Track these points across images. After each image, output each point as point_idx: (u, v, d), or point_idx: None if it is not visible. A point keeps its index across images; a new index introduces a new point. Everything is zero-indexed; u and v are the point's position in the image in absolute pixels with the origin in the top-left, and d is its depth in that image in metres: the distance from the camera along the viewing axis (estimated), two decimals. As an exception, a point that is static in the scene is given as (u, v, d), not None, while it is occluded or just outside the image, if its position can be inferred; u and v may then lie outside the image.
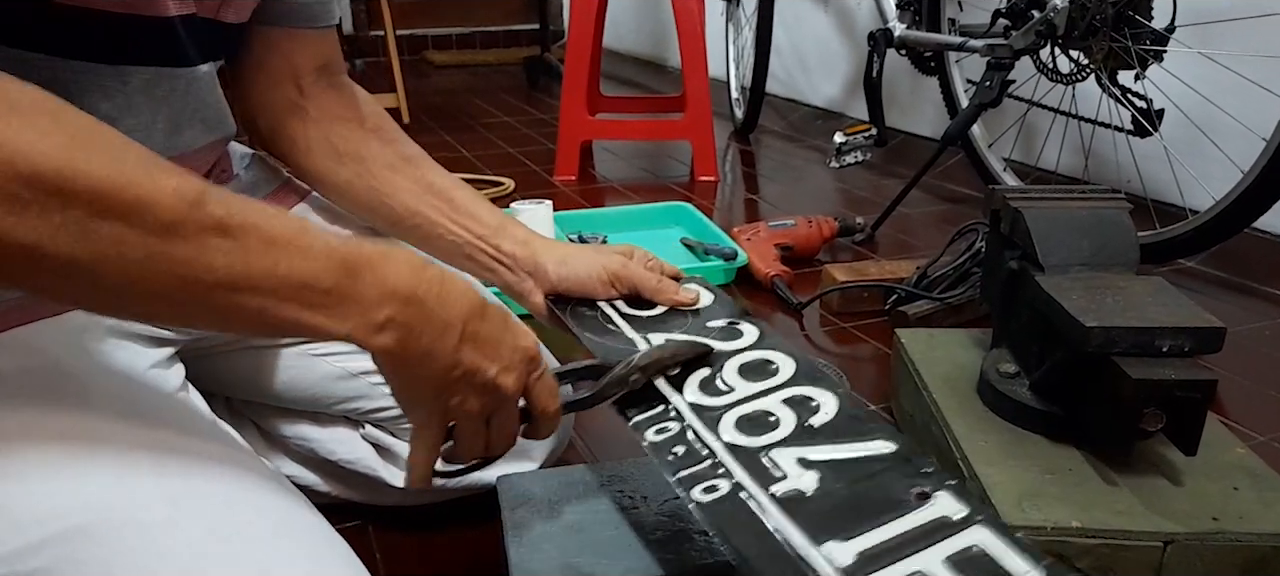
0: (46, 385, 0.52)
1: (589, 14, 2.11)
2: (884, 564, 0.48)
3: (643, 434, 0.61)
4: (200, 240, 0.42)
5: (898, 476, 0.54)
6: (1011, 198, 0.86)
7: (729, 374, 0.67)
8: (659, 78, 3.46)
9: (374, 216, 0.80)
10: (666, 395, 0.65)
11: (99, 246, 0.39)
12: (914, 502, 0.52)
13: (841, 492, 0.53)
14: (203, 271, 0.42)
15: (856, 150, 1.83)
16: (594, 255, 0.76)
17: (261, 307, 0.44)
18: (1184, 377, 0.66)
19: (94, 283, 0.41)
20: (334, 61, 0.78)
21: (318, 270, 0.45)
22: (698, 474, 0.56)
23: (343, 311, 0.47)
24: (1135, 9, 1.33)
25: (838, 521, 0.51)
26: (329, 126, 0.77)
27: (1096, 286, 0.76)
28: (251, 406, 0.82)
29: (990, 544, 0.48)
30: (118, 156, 0.41)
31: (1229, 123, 1.46)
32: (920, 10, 1.84)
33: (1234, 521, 0.67)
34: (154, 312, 0.45)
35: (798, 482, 0.55)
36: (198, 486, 0.51)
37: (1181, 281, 1.43)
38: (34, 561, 0.47)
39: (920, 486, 0.53)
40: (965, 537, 0.49)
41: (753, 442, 0.59)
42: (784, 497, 0.54)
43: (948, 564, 0.47)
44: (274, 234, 0.44)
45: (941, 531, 0.49)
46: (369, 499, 0.82)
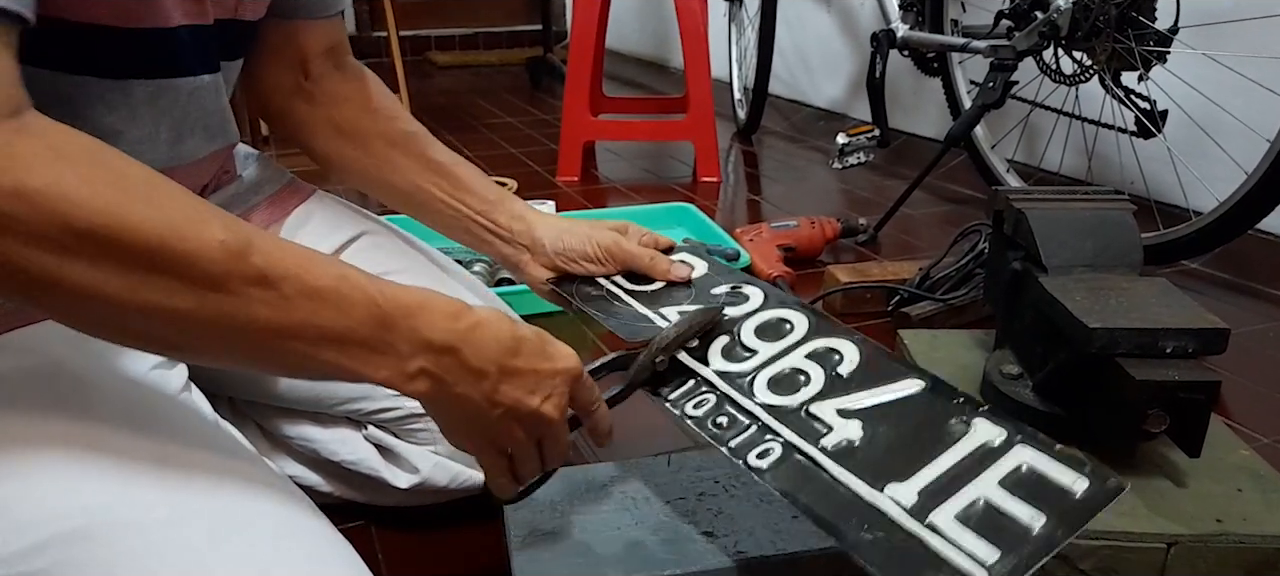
0: (49, 386, 0.52)
1: (592, 14, 2.11)
2: (945, 496, 0.51)
3: (682, 410, 0.63)
4: (245, 292, 0.44)
5: (933, 411, 0.57)
6: (1015, 198, 0.86)
7: (748, 337, 0.68)
8: (661, 78, 3.46)
9: (378, 192, 0.83)
10: (694, 369, 0.66)
11: (148, 296, 0.41)
12: (955, 434, 0.54)
13: (887, 436, 0.56)
14: (246, 321, 0.44)
15: (859, 151, 1.82)
16: (589, 230, 0.78)
17: (303, 353, 0.47)
18: (1188, 379, 0.66)
19: (143, 328, 0.43)
20: (340, 45, 0.81)
21: (354, 323, 0.48)
22: (748, 440, 0.59)
23: (378, 361, 0.49)
24: (1139, 10, 1.33)
25: (893, 464, 0.54)
26: (333, 108, 0.80)
27: (1100, 287, 0.76)
28: (254, 407, 0.82)
29: (1035, 459, 0.51)
30: (165, 206, 0.42)
31: (1233, 124, 1.45)
32: (923, 11, 1.84)
33: (1238, 523, 0.66)
34: (198, 355, 0.47)
35: (845, 433, 0.57)
36: (200, 488, 0.51)
37: (1185, 283, 1.43)
38: (36, 562, 0.47)
39: (957, 416, 0.56)
40: (1011, 458, 0.52)
41: (790, 401, 0.61)
42: (835, 450, 0.56)
43: (1003, 486, 0.50)
44: (315, 285, 0.46)
45: (988, 457, 0.52)
46: (371, 499, 0.82)
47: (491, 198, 0.80)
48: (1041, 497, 0.49)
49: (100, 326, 0.44)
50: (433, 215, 0.81)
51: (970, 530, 0.48)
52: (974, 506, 0.50)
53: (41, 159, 0.39)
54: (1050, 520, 0.47)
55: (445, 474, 0.78)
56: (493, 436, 0.55)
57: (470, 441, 0.56)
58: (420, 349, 0.50)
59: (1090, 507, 0.48)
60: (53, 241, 0.39)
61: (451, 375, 0.51)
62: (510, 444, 0.56)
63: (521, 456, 0.57)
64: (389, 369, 0.49)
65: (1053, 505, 0.48)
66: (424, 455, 0.78)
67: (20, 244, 0.39)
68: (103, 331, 0.45)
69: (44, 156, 0.40)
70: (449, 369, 0.51)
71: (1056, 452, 0.52)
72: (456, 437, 0.56)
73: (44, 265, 0.39)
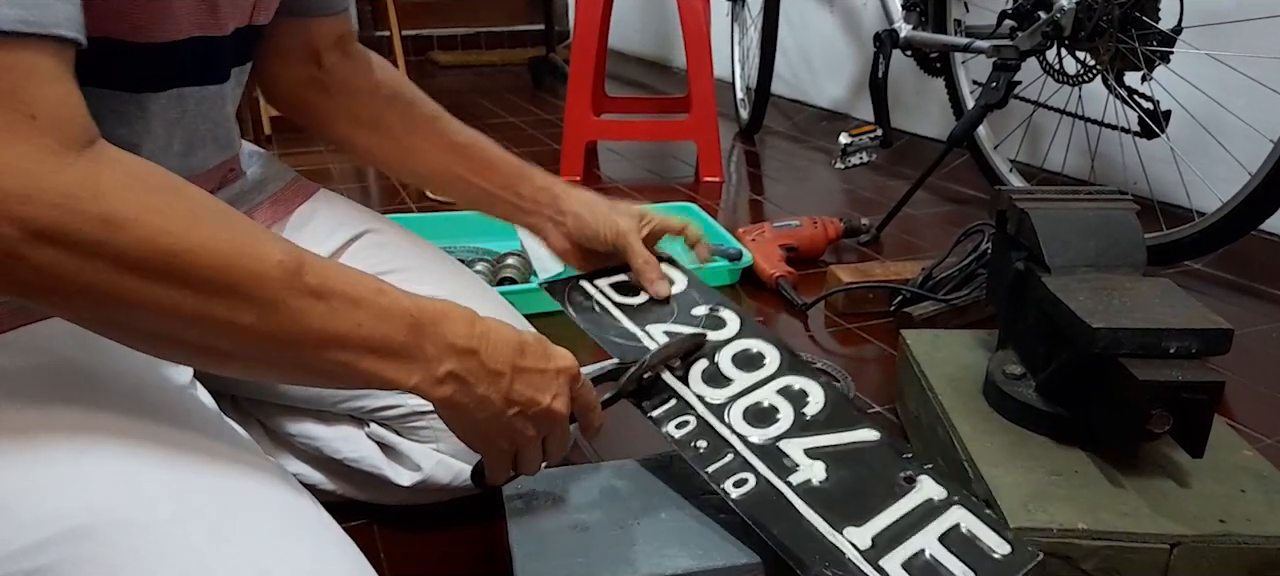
0: (54, 382, 0.52)
1: (594, 14, 2.11)
2: (895, 544, 0.59)
3: (663, 427, 0.69)
4: (300, 305, 0.47)
5: (885, 463, 0.65)
6: (1018, 198, 0.86)
7: (725, 365, 0.74)
8: (664, 78, 3.46)
9: (401, 174, 0.86)
10: (676, 388, 0.72)
11: (216, 312, 0.44)
12: (903, 487, 0.63)
13: (846, 480, 0.64)
14: (301, 333, 0.47)
15: (862, 151, 1.82)
16: (607, 213, 0.82)
17: (346, 362, 0.50)
18: (1191, 379, 0.66)
19: (206, 343, 0.46)
20: (348, 33, 0.84)
21: (392, 328, 0.51)
22: (726, 467, 0.65)
23: (411, 366, 0.52)
24: (1142, 10, 1.32)
25: (849, 508, 0.61)
26: (347, 98, 0.82)
27: (1103, 287, 0.76)
28: (257, 404, 0.82)
29: (969, 522, 0.61)
30: (231, 229, 0.45)
31: (1236, 124, 1.45)
32: (926, 11, 1.84)
33: (1241, 524, 0.66)
34: (249, 368, 0.49)
35: (809, 472, 0.64)
36: (204, 485, 0.52)
37: (1188, 283, 1.42)
38: (39, 559, 0.47)
39: (905, 470, 0.64)
40: (949, 517, 0.61)
41: (763, 435, 0.67)
42: (800, 487, 0.63)
43: (941, 542, 0.59)
44: (357, 296, 0.50)
45: (930, 513, 0.61)
46: (374, 497, 0.82)
47: (513, 171, 0.83)
48: (971, 557, 0.58)
49: (166, 342, 0.46)
50: (458, 193, 0.84)
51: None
52: (917, 557, 0.58)
53: (127, 187, 0.42)
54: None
55: (447, 471, 0.78)
56: (507, 433, 0.58)
57: (483, 440, 0.59)
58: (446, 353, 0.53)
59: (1011, 570, 0.57)
60: (138, 264, 0.42)
61: (473, 376, 0.54)
62: (520, 440, 0.59)
63: (529, 452, 0.60)
64: (420, 374, 0.52)
65: (981, 565, 0.57)
66: (426, 453, 0.78)
67: (109, 268, 0.41)
68: (167, 347, 0.47)
69: (129, 185, 0.42)
70: (471, 371, 0.54)
71: (985, 517, 0.61)
72: (471, 437, 0.58)
73: (128, 287, 0.42)
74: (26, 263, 0.40)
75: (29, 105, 0.40)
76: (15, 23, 0.40)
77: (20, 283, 0.41)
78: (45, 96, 0.41)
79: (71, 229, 0.40)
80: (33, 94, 0.40)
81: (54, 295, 0.42)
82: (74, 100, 0.42)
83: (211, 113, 0.67)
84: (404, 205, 1.89)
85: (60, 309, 0.44)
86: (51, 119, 0.41)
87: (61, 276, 0.41)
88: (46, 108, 0.41)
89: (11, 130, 0.39)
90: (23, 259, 0.40)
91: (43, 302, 0.43)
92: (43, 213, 0.39)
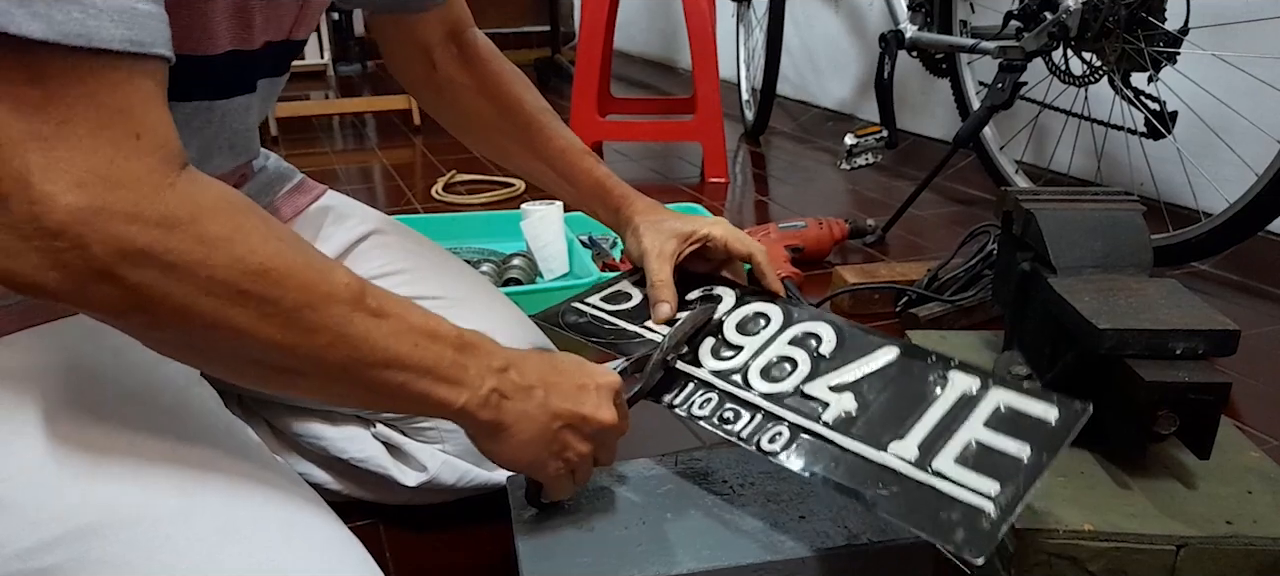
0: (64, 383, 0.52)
1: (600, 16, 2.12)
2: (942, 443, 0.58)
3: (688, 411, 0.68)
4: (366, 326, 0.48)
5: (912, 373, 0.64)
6: (1024, 199, 0.86)
7: (732, 335, 0.73)
8: (669, 79, 3.46)
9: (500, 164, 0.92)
10: (690, 373, 0.71)
11: (296, 332, 0.46)
12: (936, 389, 0.62)
13: (878, 401, 0.63)
14: (367, 352, 0.49)
15: (867, 152, 1.82)
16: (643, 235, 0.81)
17: (403, 382, 0.51)
18: (1197, 380, 0.66)
19: (282, 365, 0.47)
20: (458, 23, 0.85)
21: (442, 348, 0.53)
22: (757, 427, 0.64)
23: (459, 387, 0.53)
24: (1149, 10, 1.32)
25: (888, 425, 0.60)
26: (456, 95, 0.86)
27: (1109, 288, 0.75)
28: (264, 404, 0.83)
29: (1010, 399, 0.59)
30: (302, 251, 0.47)
31: (1243, 125, 1.45)
32: (932, 12, 1.83)
33: (1248, 525, 0.66)
34: (320, 389, 0.50)
35: (841, 406, 0.63)
36: (211, 485, 0.52)
37: (1195, 284, 1.42)
38: (49, 558, 0.47)
39: (934, 373, 0.63)
40: (990, 401, 0.60)
41: (785, 387, 0.67)
42: (836, 422, 0.62)
43: (988, 426, 0.58)
44: (412, 321, 0.52)
45: (969, 404, 0.60)
46: (380, 497, 0.82)
47: (592, 186, 0.85)
48: (1023, 431, 0.57)
49: (245, 364, 0.47)
50: (548, 190, 0.89)
51: (970, 469, 0.56)
52: (968, 448, 0.57)
53: (219, 210, 0.43)
54: (1034, 448, 0.55)
55: (453, 472, 0.79)
56: (557, 449, 0.59)
57: (537, 460, 0.59)
58: (487, 372, 0.55)
59: (1065, 431, 0.56)
60: (227, 284, 0.43)
61: (512, 394, 0.56)
62: (574, 455, 0.60)
63: (582, 470, 0.62)
64: (468, 394, 0.54)
65: (1033, 435, 0.56)
66: (432, 453, 0.79)
67: (201, 290, 0.42)
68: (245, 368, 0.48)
69: (220, 207, 0.44)
70: (508, 387, 0.56)
71: (1025, 389, 0.59)
72: (521, 458, 0.59)
73: (216, 308, 0.43)
74: (124, 282, 0.40)
75: (135, 125, 0.41)
76: (124, 43, 0.40)
77: (120, 301, 0.41)
78: (149, 117, 0.42)
79: (173, 248, 0.41)
80: (138, 114, 0.41)
81: (148, 313, 0.42)
82: (170, 122, 0.43)
83: (234, 122, 0.67)
84: (410, 206, 1.89)
85: (153, 331, 0.44)
86: (155, 140, 0.42)
87: (154, 297, 0.41)
88: (150, 128, 0.41)
89: (119, 148, 0.40)
90: (120, 278, 0.40)
91: (137, 321, 0.43)
92: (145, 232, 0.40)
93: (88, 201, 0.39)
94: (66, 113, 0.39)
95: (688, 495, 0.70)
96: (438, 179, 2.03)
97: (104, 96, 0.40)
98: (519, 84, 0.86)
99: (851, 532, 0.65)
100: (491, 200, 1.90)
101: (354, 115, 2.88)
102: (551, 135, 0.86)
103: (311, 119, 2.82)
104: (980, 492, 0.54)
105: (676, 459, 0.74)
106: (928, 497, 0.55)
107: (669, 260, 0.78)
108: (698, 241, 0.80)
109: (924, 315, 1.25)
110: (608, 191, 0.85)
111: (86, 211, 0.39)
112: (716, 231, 0.80)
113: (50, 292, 0.41)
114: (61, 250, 0.39)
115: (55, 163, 0.39)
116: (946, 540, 0.53)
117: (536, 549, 0.64)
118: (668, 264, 0.78)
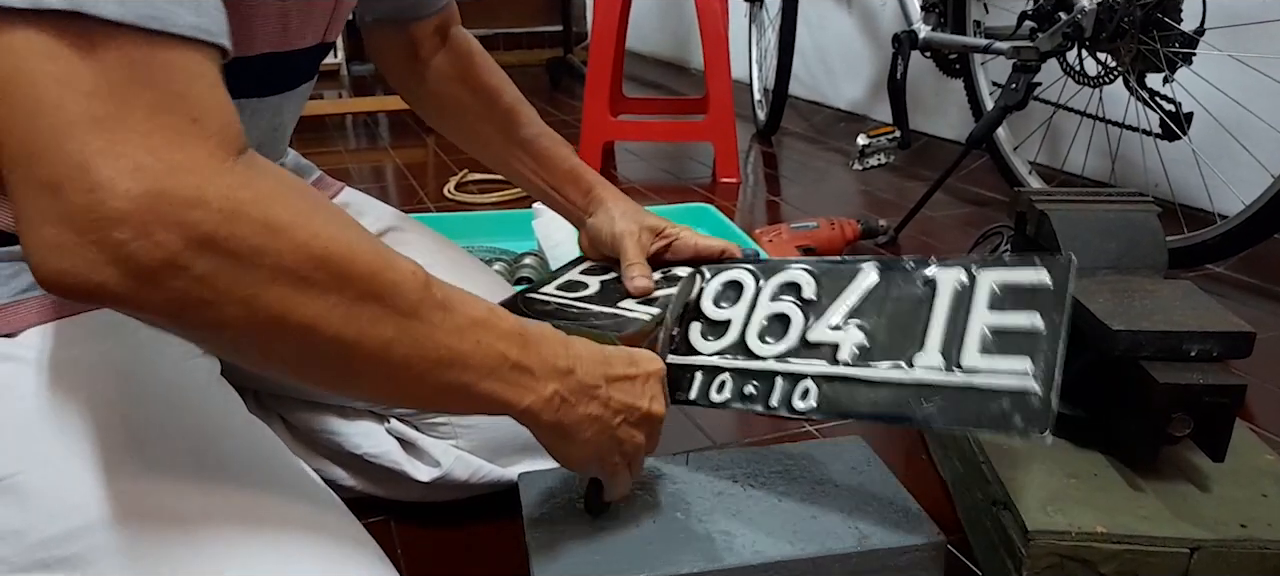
0: (89, 376, 0.53)
1: (612, 15, 2.12)
2: (960, 341, 0.59)
3: (708, 400, 0.67)
4: (431, 318, 0.46)
5: (900, 284, 0.64)
6: (1037, 199, 0.85)
7: (712, 311, 0.73)
8: (681, 79, 3.46)
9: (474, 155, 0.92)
10: (691, 363, 0.70)
11: (361, 325, 0.43)
12: (928, 293, 0.62)
13: (883, 324, 0.63)
14: (431, 348, 0.46)
15: (880, 152, 1.82)
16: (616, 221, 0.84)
17: (465, 382, 0.49)
18: (1212, 382, 0.66)
19: (346, 361, 0.44)
20: (447, 20, 0.87)
21: (507, 346, 0.50)
22: (784, 393, 0.64)
23: (522, 388, 0.51)
24: (1164, 11, 1.31)
25: (904, 342, 0.61)
26: (438, 84, 0.88)
27: (1123, 290, 0.75)
28: (278, 400, 0.83)
29: (1001, 276, 0.60)
30: (367, 238, 0.45)
31: (1259, 126, 1.44)
32: (945, 12, 1.83)
33: (1262, 529, 0.66)
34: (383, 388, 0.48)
35: (850, 342, 0.63)
36: (230, 480, 0.52)
37: (1210, 286, 1.41)
38: (69, 548, 0.48)
39: (919, 276, 0.64)
40: (982, 287, 0.60)
41: (789, 343, 0.66)
42: (854, 359, 0.62)
43: (992, 309, 0.59)
44: (476, 315, 0.50)
45: (964, 296, 0.61)
46: (393, 494, 0.83)
47: (564, 173, 0.87)
48: (1026, 302, 0.58)
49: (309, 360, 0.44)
50: (520, 182, 0.91)
51: (997, 355, 0.57)
52: (985, 337, 0.58)
53: (282, 195, 0.41)
54: (1043, 314, 0.56)
55: (466, 468, 0.79)
56: (616, 446, 0.58)
57: (597, 459, 0.58)
58: (550, 373, 0.53)
59: (1063, 288, 0.57)
60: (294, 270, 0.40)
61: (574, 395, 0.54)
62: (632, 449, 0.60)
63: (637, 458, 0.61)
64: (533, 395, 0.52)
65: (1037, 302, 0.57)
66: (445, 449, 0.79)
67: (267, 278, 0.39)
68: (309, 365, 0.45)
69: (283, 193, 0.41)
70: (572, 390, 0.54)
71: (1010, 261, 0.60)
72: (583, 459, 0.58)
73: (283, 298, 0.40)
74: (188, 273, 0.37)
75: (194, 108, 0.39)
76: (191, 29, 0.39)
77: (177, 298, 0.38)
78: (209, 101, 0.40)
79: (237, 234, 0.38)
80: (198, 98, 0.39)
81: (208, 310, 0.39)
82: (231, 107, 0.41)
83: (264, 123, 0.68)
84: (422, 205, 1.90)
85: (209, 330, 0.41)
86: (215, 124, 0.39)
87: (220, 288, 0.38)
88: (210, 112, 0.40)
89: (179, 132, 0.38)
90: (185, 269, 0.37)
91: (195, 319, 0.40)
92: (209, 218, 0.37)
93: (148, 186, 0.36)
94: (127, 96, 0.37)
95: (698, 494, 0.70)
96: (450, 178, 2.03)
97: (169, 81, 0.38)
98: (498, 76, 0.89)
99: (862, 534, 0.65)
100: (504, 199, 1.91)
101: (367, 114, 2.89)
102: (527, 121, 0.88)
103: (325, 118, 2.83)
104: (1017, 372, 0.55)
105: (687, 458, 0.75)
106: (971, 398, 0.56)
107: (643, 246, 0.81)
108: (668, 238, 0.82)
109: (936, 316, 1.25)
110: (580, 175, 0.87)
111: (148, 197, 0.36)
112: (685, 233, 0.82)
113: (108, 294, 0.37)
114: (123, 242, 0.36)
115: (114, 145, 0.36)
116: (1008, 428, 0.54)
117: (547, 546, 0.64)
118: (642, 248, 0.81)
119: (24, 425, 0.50)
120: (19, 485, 0.49)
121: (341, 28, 0.72)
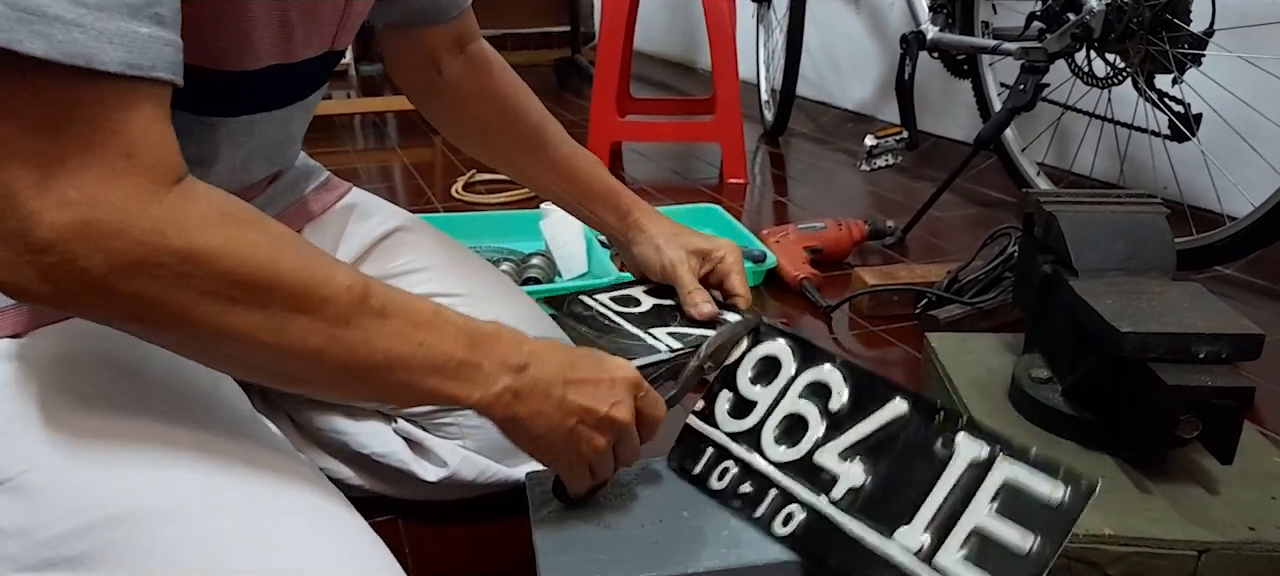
0: (95, 374, 0.54)
1: (620, 16, 2.12)
2: (947, 532, 0.57)
3: (707, 483, 0.69)
4: (365, 326, 0.49)
5: (920, 433, 0.62)
6: (1046, 201, 0.85)
7: (745, 388, 0.73)
8: (689, 80, 3.46)
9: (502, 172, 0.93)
10: (709, 436, 0.71)
11: (290, 337, 0.47)
12: (944, 457, 0.60)
13: (887, 471, 0.62)
14: (367, 354, 0.49)
15: (887, 153, 1.82)
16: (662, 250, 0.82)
17: (409, 381, 0.51)
18: (1221, 385, 0.65)
19: (282, 369, 0.49)
20: (466, 33, 0.86)
21: (451, 347, 0.53)
22: (771, 508, 0.65)
23: (470, 385, 0.54)
24: (1173, 12, 1.31)
25: (896, 505, 0.60)
26: (460, 101, 0.87)
27: (1132, 291, 0.75)
28: (286, 398, 0.83)
29: (1015, 473, 0.57)
30: (305, 258, 0.48)
31: (1269, 128, 1.43)
32: (953, 13, 1.82)
33: (1271, 531, 0.66)
34: (321, 388, 0.52)
35: (849, 478, 0.63)
36: (237, 478, 0.53)
37: (1219, 289, 1.41)
38: (77, 546, 0.48)
39: (942, 436, 0.61)
40: (996, 475, 0.57)
41: (797, 453, 0.66)
42: (844, 501, 0.62)
43: (994, 504, 0.56)
44: (419, 318, 0.52)
45: (977, 477, 0.58)
46: (400, 493, 0.83)
47: (598, 193, 0.87)
48: (1027, 516, 0.55)
49: (248, 367, 0.49)
50: (556, 203, 0.90)
51: (973, 565, 0.55)
52: (972, 538, 0.56)
53: (211, 221, 0.44)
54: (1039, 537, 0.53)
55: (473, 468, 0.79)
56: (571, 445, 0.59)
57: (549, 453, 0.60)
58: (502, 370, 0.55)
59: (1072, 515, 0.53)
60: (218, 292, 0.44)
61: (527, 391, 0.56)
62: (589, 450, 0.60)
63: (600, 462, 0.62)
64: (481, 390, 0.54)
65: (1039, 521, 0.54)
66: (452, 449, 0.79)
67: (194, 297, 0.44)
68: (249, 371, 0.50)
69: (213, 219, 0.45)
70: (525, 386, 0.56)
71: (1032, 460, 0.57)
72: (537, 451, 0.60)
73: (212, 314, 0.44)
74: (118, 293, 0.42)
75: (127, 145, 0.42)
76: (120, 65, 0.41)
77: (116, 310, 0.43)
78: (142, 137, 0.43)
79: (157, 261, 0.42)
80: (131, 134, 0.42)
81: (146, 322, 0.45)
82: (168, 140, 0.44)
83: (276, 134, 0.69)
84: (430, 205, 1.90)
85: (154, 336, 0.46)
86: (147, 159, 0.43)
87: (151, 305, 0.43)
88: (142, 148, 0.43)
89: (109, 167, 0.41)
90: (113, 289, 0.42)
91: (137, 329, 0.45)
92: (131, 247, 0.41)
93: (73, 218, 0.40)
94: (61, 131, 0.40)
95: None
96: (458, 178, 2.04)
97: (99, 117, 0.41)
98: (522, 92, 0.88)
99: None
100: (511, 200, 1.91)
101: (375, 115, 2.90)
102: (557, 141, 0.87)
103: (333, 118, 2.84)
104: None
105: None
106: None
107: (695, 272, 0.81)
108: (712, 264, 0.82)
109: (944, 317, 1.25)
110: (617, 195, 0.86)
111: (72, 228, 0.40)
112: (729, 258, 0.82)
113: (47, 303, 0.42)
114: (52, 265, 0.41)
115: (45, 179, 0.40)
116: None
117: (554, 546, 0.64)
118: (694, 274, 0.80)
119: (31, 423, 0.51)
120: (26, 483, 0.49)
121: (352, 35, 0.71)
